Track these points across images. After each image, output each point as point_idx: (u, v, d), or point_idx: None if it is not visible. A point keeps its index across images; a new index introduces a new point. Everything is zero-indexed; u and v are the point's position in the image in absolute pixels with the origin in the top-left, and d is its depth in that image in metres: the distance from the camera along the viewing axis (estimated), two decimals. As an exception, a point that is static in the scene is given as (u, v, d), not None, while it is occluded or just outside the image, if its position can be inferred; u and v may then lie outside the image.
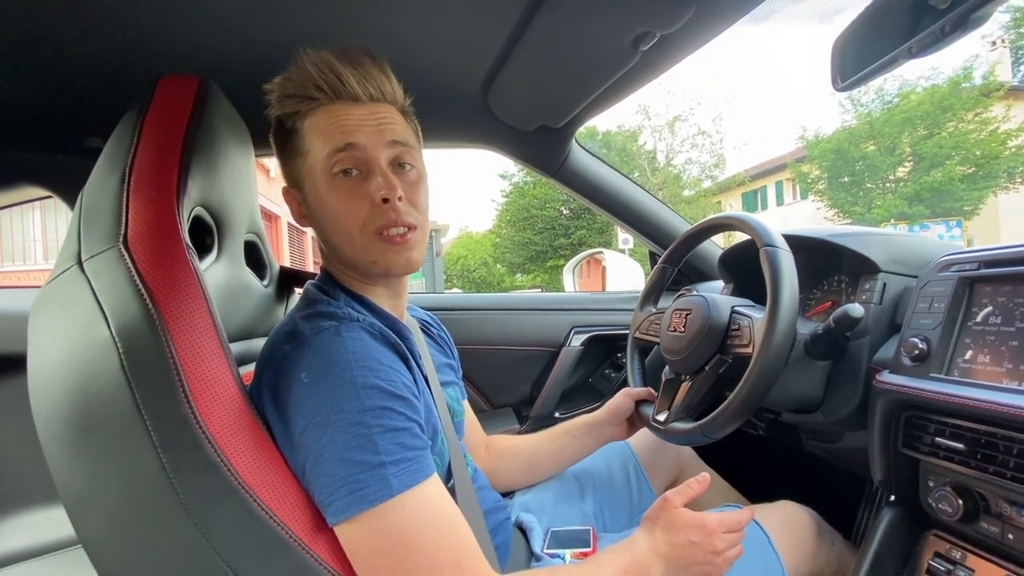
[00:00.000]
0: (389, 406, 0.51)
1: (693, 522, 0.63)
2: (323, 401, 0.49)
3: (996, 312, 0.62)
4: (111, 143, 0.58)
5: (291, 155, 0.63)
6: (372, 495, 0.48)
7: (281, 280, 0.93)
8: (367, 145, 0.59)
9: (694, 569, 0.62)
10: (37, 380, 0.51)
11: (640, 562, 0.61)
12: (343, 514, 0.48)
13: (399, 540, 0.48)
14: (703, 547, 0.62)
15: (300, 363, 0.51)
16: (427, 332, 0.83)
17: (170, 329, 0.47)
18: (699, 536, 0.62)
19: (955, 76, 11.74)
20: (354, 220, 0.59)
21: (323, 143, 0.59)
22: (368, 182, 0.59)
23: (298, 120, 0.61)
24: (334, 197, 0.59)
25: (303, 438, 0.49)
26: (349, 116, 0.59)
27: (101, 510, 0.49)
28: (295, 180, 0.64)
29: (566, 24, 0.79)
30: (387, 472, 0.48)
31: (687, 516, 0.63)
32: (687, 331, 0.79)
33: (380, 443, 0.48)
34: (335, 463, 0.48)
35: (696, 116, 24.09)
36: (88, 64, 0.79)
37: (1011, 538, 0.58)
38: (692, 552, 0.62)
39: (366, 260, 0.61)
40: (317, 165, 0.60)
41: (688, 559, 0.62)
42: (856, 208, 13.12)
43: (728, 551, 0.63)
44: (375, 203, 0.59)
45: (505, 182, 19.10)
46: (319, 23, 0.75)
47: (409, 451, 0.50)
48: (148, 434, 0.45)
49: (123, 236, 0.49)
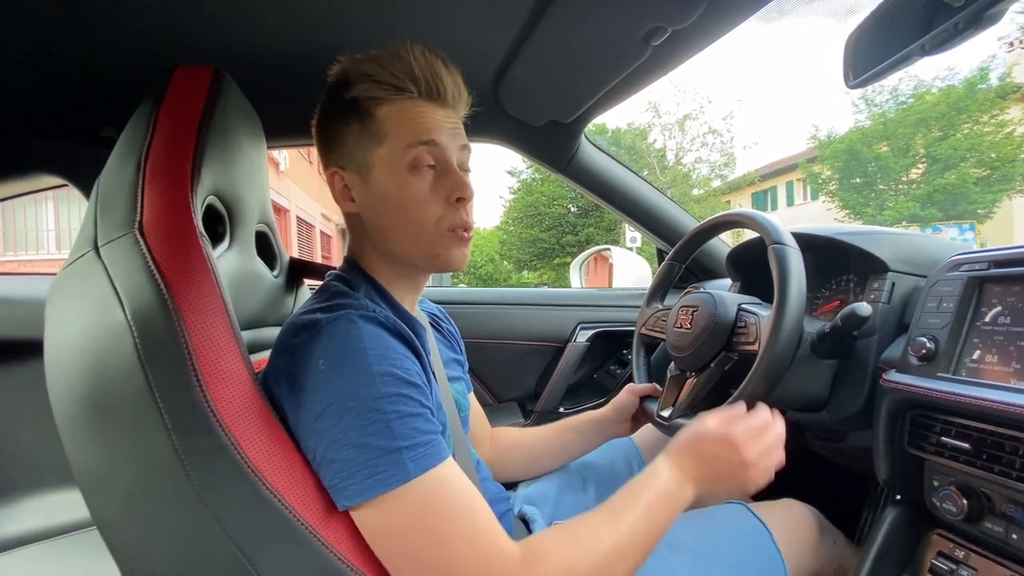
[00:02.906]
0: (404, 393, 0.51)
1: (715, 435, 0.61)
2: (340, 388, 0.50)
3: (1005, 312, 0.62)
4: (127, 132, 0.59)
5: (358, 137, 0.62)
6: (389, 479, 0.48)
7: (291, 271, 0.94)
8: (446, 145, 0.62)
9: (728, 485, 0.60)
10: (53, 362, 0.52)
11: (665, 492, 0.58)
12: (360, 497, 0.49)
13: (416, 521, 0.49)
14: (731, 460, 0.60)
15: (317, 350, 0.52)
16: (436, 326, 0.84)
17: (183, 314, 0.48)
18: (725, 450, 0.60)
19: (971, 77, 11.58)
20: (429, 213, 0.61)
21: (406, 134, 0.60)
22: (444, 179, 0.61)
23: (377, 106, 0.61)
24: (410, 188, 0.60)
25: (319, 423, 0.50)
26: (432, 115, 0.61)
27: (114, 491, 0.50)
28: (356, 163, 0.63)
29: (577, 18, 0.79)
30: (403, 457, 0.49)
31: (707, 430, 0.61)
32: (693, 328, 0.79)
33: (396, 429, 0.49)
34: (352, 448, 0.48)
35: (707, 115, 23.88)
36: (104, 55, 0.80)
37: (1015, 538, 0.58)
38: (721, 466, 0.60)
39: (429, 252, 0.62)
40: (395, 154, 0.60)
41: (719, 474, 0.59)
42: (868, 210, 12.98)
43: (763, 461, 0.61)
44: (449, 200, 0.61)
45: (513, 179, 19.08)
46: (331, 15, 0.76)
47: (424, 435, 0.51)
48: (161, 417, 0.46)
49: (138, 223, 0.50)
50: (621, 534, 0.54)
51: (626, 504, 0.57)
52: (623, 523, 0.55)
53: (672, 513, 0.58)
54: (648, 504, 0.57)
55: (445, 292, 1.53)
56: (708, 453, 0.60)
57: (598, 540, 0.53)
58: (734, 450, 0.60)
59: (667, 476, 0.59)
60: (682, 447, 0.62)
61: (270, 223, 0.85)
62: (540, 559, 0.51)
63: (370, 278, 0.65)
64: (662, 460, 0.62)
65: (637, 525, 0.55)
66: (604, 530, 0.54)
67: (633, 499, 0.57)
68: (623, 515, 0.56)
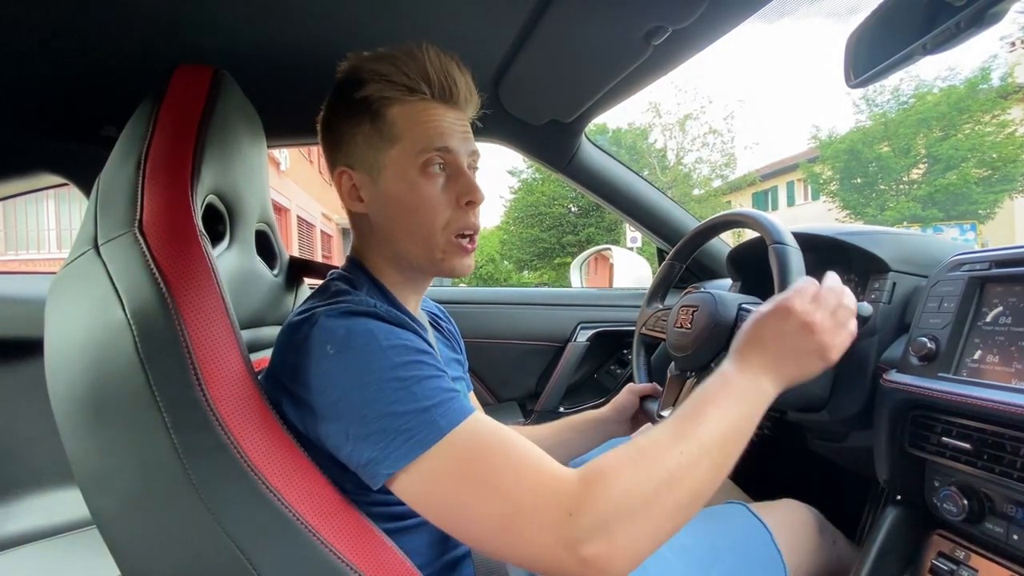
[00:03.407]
0: (418, 359, 0.51)
1: (770, 313, 0.58)
2: (354, 366, 0.50)
3: (1007, 312, 0.62)
4: (127, 131, 0.59)
5: (368, 136, 0.61)
6: (425, 439, 0.47)
7: (291, 270, 0.94)
8: (457, 150, 0.61)
9: (807, 360, 0.57)
10: (54, 360, 0.52)
11: (734, 390, 0.54)
12: (402, 462, 0.47)
13: (460, 471, 0.48)
14: (798, 332, 0.56)
15: (321, 338, 0.52)
16: (436, 326, 0.84)
17: (183, 313, 0.48)
18: (786, 323, 0.57)
19: (973, 77, 11.57)
20: (438, 217, 0.61)
21: (419, 136, 0.60)
22: (455, 182, 0.61)
23: (388, 106, 0.60)
24: (421, 191, 0.60)
25: (341, 405, 0.49)
26: (444, 117, 0.61)
27: (114, 488, 0.50)
28: (365, 163, 0.62)
29: (578, 17, 0.79)
30: (433, 415, 0.48)
31: (761, 312, 0.58)
32: (693, 328, 0.79)
33: (418, 392, 0.49)
34: (382, 418, 0.48)
35: (707, 115, 23.85)
36: (104, 54, 0.80)
37: (1016, 538, 0.58)
38: (790, 342, 0.56)
39: (434, 256, 0.62)
40: (406, 156, 0.60)
41: (791, 351, 0.56)
42: (869, 210, 12.98)
43: (832, 322, 0.58)
44: (459, 204, 0.61)
45: (514, 179, 19.06)
46: (331, 15, 0.76)
47: (446, 393, 0.50)
48: (160, 415, 0.46)
49: (138, 221, 0.50)
50: (690, 444, 0.49)
51: (694, 412, 0.52)
52: (692, 432, 0.50)
53: (749, 411, 0.54)
54: (717, 407, 0.52)
55: (445, 292, 1.53)
56: (771, 334, 0.57)
57: (665, 453, 0.49)
58: (796, 319, 0.57)
59: (733, 374, 0.56)
60: (742, 341, 0.58)
61: (270, 222, 0.85)
62: (601, 478, 0.47)
63: (373, 278, 0.65)
64: (725, 361, 0.58)
65: (709, 431, 0.51)
66: (671, 442, 0.50)
67: (700, 406, 0.53)
68: (691, 423, 0.51)
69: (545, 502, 0.46)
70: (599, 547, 0.44)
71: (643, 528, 0.46)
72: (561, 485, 0.47)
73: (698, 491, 0.49)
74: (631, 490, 0.46)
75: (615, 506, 0.45)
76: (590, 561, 0.44)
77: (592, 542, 0.44)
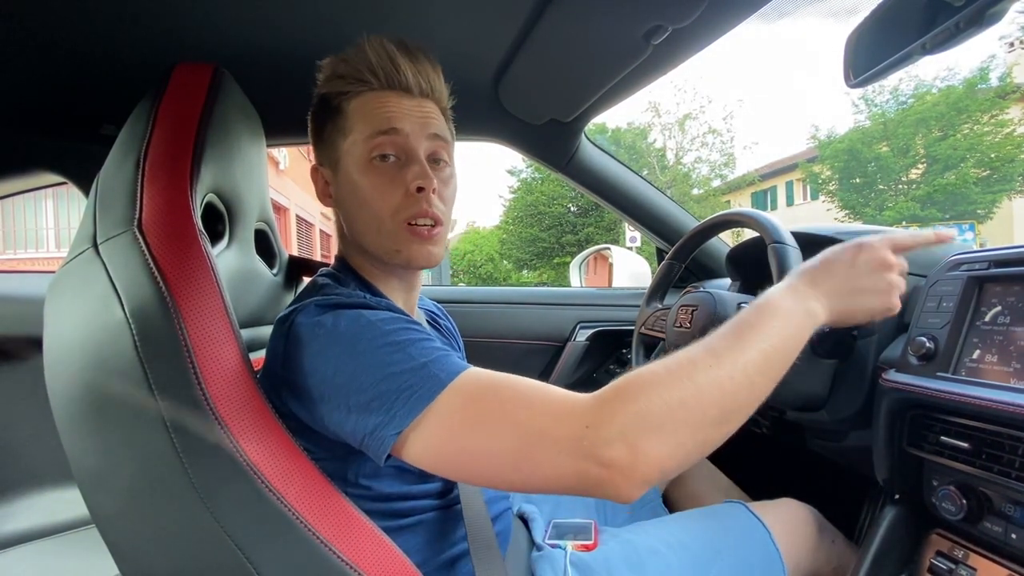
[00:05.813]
0: (407, 326, 0.52)
1: (850, 244, 0.57)
2: (345, 339, 0.50)
3: (1005, 312, 0.62)
4: (126, 129, 0.59)
5: (330, 133, 0.64)
6: (428, 391, 0.47)
7: (290, 269, 0.94)
8: (410, 134, 0.61)
9: (866, 298, 0.56)
10: (53, 359, 0.52)
11: (786, 315, 0.51)
12: (408, 419, 0.47)
13: (470, 414, 0.47)
14: (869, 264, 0.56)
15: (312, 322, 0.53)
16: (434, 324, 0.84)
17: (182, 311, 0.48)
18: (862, 255, 0.56)
19: (971, 77, 11.59)
20: (386, 205, 0.60)
21: (367, 125, 0.60)
22: (406, 170, 0.61)
23: (345, 100, 0.62)
24: (370, 180, 0.60)
25: (337, 379, 0.49)
26: (397, 104, 0.61)
27: (113, 488, 0.50)
28: (330, 159, 0.64)
29: (578, 17, 0.79)
30: (430, 370, 0.48)
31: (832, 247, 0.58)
32: (693, 327, 0.79)
33: (412, 351, 0.49)
34: (381, 382, 0.48)
35: (707, 114, 23.91)
36: (104, 52, 0.80)
37: (1014, 538, 0.58)
38: (859, 273, 0.56)
39: (390, 248, 0.62)
40: (357, 146, 0.61)
41: (857, 284, 0.56)
42: (868, 210, 13.00)
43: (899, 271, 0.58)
44: (409, 191, 0.60)
45: (513, 178, 19.05)
46: (332, 13, 0.76)
47: (440, 351, 0.51)
48: (160, 414, 0.46)
49: (137, 220, 0.50)
50: (722, 359, 0.46)
51: (731, 330, 0.49)
52: (726, 348, 0.47)
53: (794, 332, 0.51)
54: (757, 327, 0.49)
55: (444, 291, 1.53)
56: (842, 262, 0.56)
57: (693, 367, 0.46)
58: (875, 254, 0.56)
59: (781, 295, 0.53)
60: (806, 266, 0.57)
61: (269, 221, 0.85)
62: (621, 391, 0.45)
63: (359, 276, 0.65)
64: (778, 286, 0.55)
65: (745, 348, 0.47)
66: (703, 357, 0.47)
67: (738, 325, 0.49)
68: (726, 341, 0.48)
69: (559, 422, 0.45)
70: (620, 451, 0.42)
71: (666, 440, 0.43)
72: (575, 405, 0.45)
73: (730, 408, 0.46)
74: (653, 400, 0.44)
75: (634, 416, 0.43)
76: (613, 463, 0.42)
77: (612, 446, 0.42)
